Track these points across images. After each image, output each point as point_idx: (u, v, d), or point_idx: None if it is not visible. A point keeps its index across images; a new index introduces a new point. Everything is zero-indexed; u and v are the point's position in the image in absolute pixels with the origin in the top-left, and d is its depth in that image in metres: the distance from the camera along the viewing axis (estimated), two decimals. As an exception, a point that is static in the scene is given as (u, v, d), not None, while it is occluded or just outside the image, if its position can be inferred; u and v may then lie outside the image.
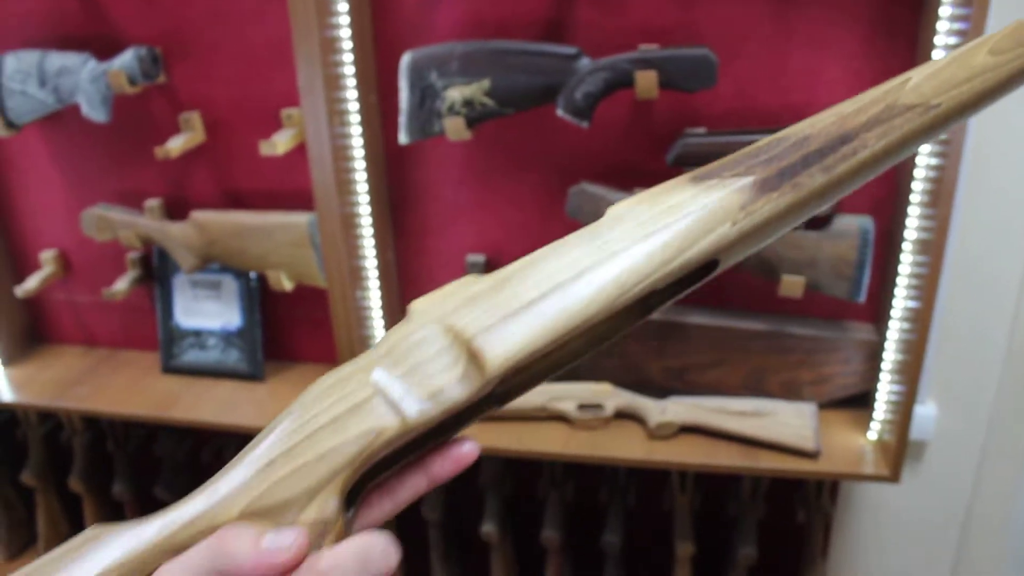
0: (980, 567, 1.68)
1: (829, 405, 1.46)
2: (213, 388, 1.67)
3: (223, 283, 1.68)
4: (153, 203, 1.60)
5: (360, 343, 1.46)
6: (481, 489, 1.64)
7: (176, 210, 1.61)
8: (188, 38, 1.48)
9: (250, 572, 0.40)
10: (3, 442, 2.01)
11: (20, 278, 1.77)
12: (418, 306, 0.47)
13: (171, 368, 1.73)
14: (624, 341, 1.46)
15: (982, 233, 1.44)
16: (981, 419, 1.58)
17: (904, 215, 1.28)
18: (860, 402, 1.46)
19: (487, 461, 1.62)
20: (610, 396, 1.44)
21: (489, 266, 1.51)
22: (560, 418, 1.46)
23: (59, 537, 2.03)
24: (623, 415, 1.45)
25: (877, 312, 1.42)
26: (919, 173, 1.24)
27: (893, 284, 1.33)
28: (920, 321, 1.29)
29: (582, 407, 1.44)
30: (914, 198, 1.26)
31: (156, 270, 1.70)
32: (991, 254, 1.46)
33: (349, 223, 1.40)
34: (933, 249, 1.24)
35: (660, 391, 1.47)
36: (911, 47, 1.24)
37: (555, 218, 1.45)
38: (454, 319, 0.45)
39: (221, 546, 0.41)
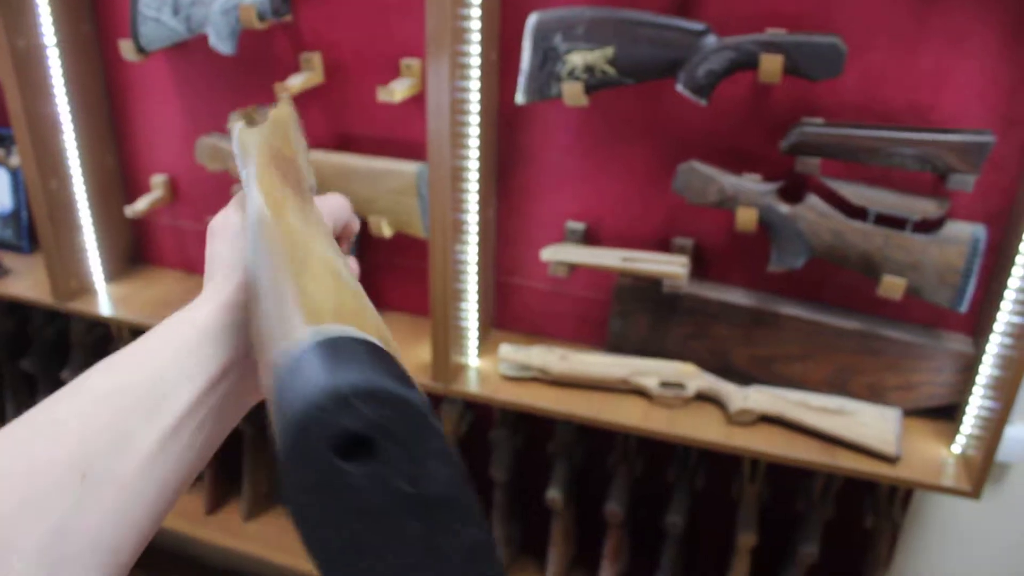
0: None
1: (914, 413, 1.44)
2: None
3: (323, 225, 1.71)
4: (266, 138, 1.64)
5: (454, 296, 1.48)
6: (551, 455, 1.66)
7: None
8: (320, -21, 1.51)
9: None
10: (96, 356, 2.08)
11: (131, 199, 1.83)
12: None
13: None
14: (713, 324, 1.46)
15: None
16: (1069, 448, 1.54)
17: (1020, 228, 1.25)
18: (945, 414, 1.43)
19: (561, 427, 1.63)
20: (693, 377, 1.44)
21: (588, 235, 1.52)
22: (640, 393, 1.47)
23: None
24: (704, 398, 1.45)
25: (976, 324, 1.39)
26: (1041, 186, 1.21)
27: (999, 297, 1.30)
28: (1023, 338, 1.27)
29: (664, 384, 1.44)
30: (1032, 210, 1.23)
31: (260, 205, 1.74)
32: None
33: (457, 176, 1.42)
34: (1046, 265, 1.22)
35: (743, 378, 1.46)
36: (1050, 56, 1.21)
37: (659, 194, 1.45)
38: None
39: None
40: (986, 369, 1.35)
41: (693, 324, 1.48)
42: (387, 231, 1.53)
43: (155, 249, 1.93)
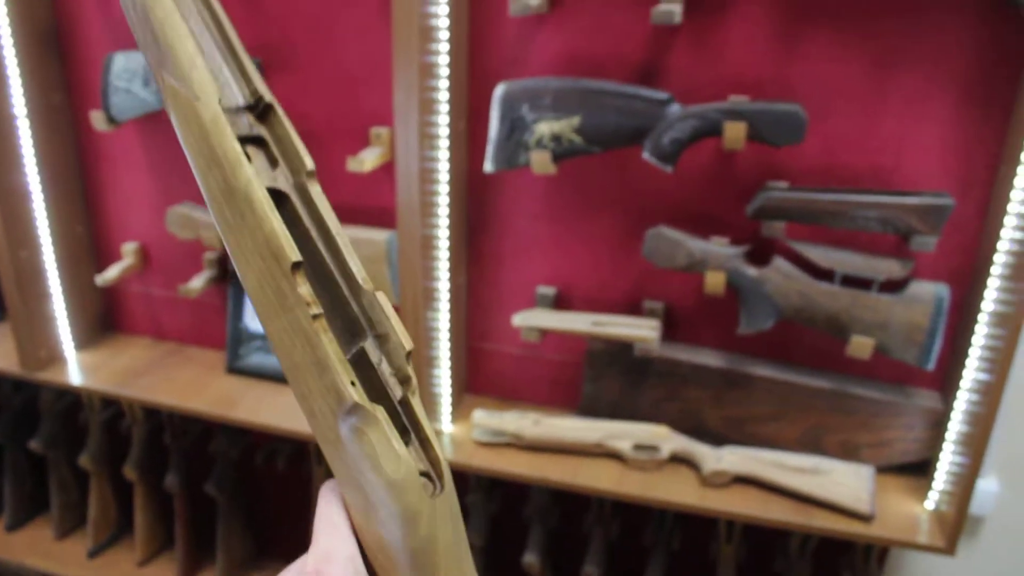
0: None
1: (887, 470, 1.45)
2: (274, 392, 1.71)
3: (295, 290, 1.71)
4: (237, 207, 1.64)
5: (426, 363, 1.48)
6: (527, 519, 1.65)
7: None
8: (289, 51, 1.52)
9: None
10: (65, 425, 2.06)
11: (101, 267, 1.82)
12: None
13: (235, 368, 1.77)
14: (685, 386, 1.47)
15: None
16: (1042, 500, 1.56)
17: (983, 286, 1.27)
18: (918, 470, 1.44)
19: (536, 491, 1.63)
20: (667, 439, 1.45)
21: (559, 300, 1.53)
22: (615, 456, 1.47)
23: (108, 522, 2.07)
24: (678, 459, 1.46)
25: (944, 381, 1.41)
26: (1002, 245, 1.24)
27: (965, 355, 1.32)
28: (990, 394, 1.28)
29: (638, 447, 1.45)
30: (995, 270, 1.25)
31: (231, 272, 1.75)
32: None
33: (427, 244, 1.43)
34: (1010, 322, 1.23)
35: (717, 439, 1.47)
36: (1006, 118, 1.24)
37: (629, 258, 1.46)
38: None
39: None
40: (955, 425, 1.36)
41: (665, 386, 1.48)
42: (359, 298, 1.53)
43: (126, 317, 1.92)
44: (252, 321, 1.75)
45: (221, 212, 0.46)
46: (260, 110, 0.49)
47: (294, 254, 0.45)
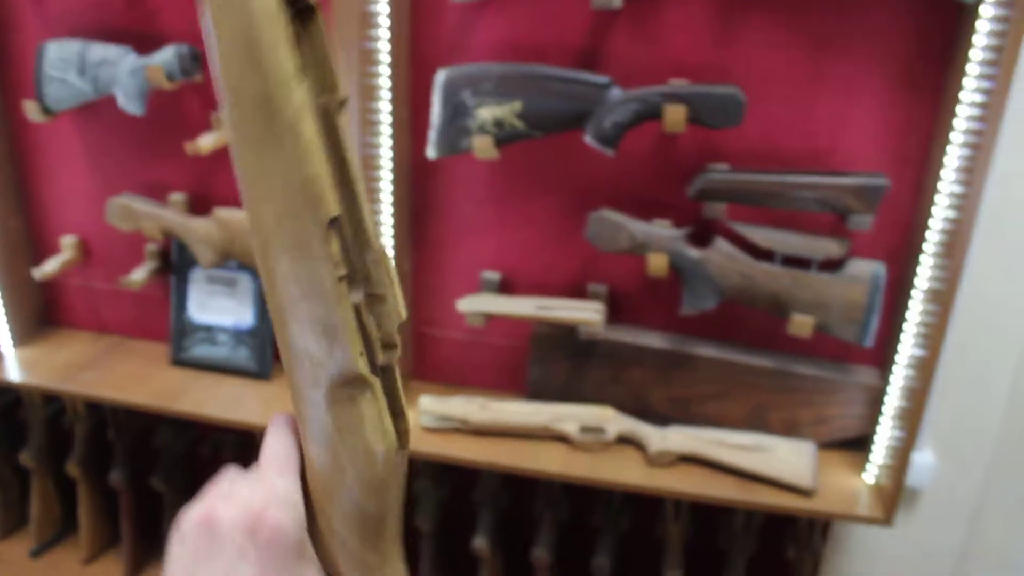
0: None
1: (828, 446, 1.48)
2: (219, 384, 1.69)
3: (239, 281, 1.70)
4: (177, 197, 1.63)
5: (372, 349, 1.48)
6: (476, 503, 1.66)
7: (199, 206, 1.64)
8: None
9: None
10: (5, 422, 2.02)
11: (39, 261, 1.79)
12: None
13: (179, 361, 1.75)
14: (630, 368, 1.49)
15: (991, 285, 1.46)
16: (978, 471, 1.60)
17: (917, 263, 1.31)
18: (859, 445, 1.48)
19: (485, 476, 1.64)
20: (612, 420, 1.46)
21: (504, 284, 1.53)
22: (561, 439, 1.48)
23: (51, 520, 2.04)
24: (624, 440, 1.47)
25: (883, 357, 1.44)
26: (935, 223, 1.27)
27: (900, 331, 1.35)
28: (924, 369, 1.32)
29: (584, 429, 1.46)
30: (928, 247, 1.29)
31: (174, 263, 1.73)
32: (998, 306, 1.49)
33: (371, 231, 1.42)
34: (943, 299, 1.27)
35: (662, 419, 1.49)
36: (937, 99, 1.27)
37: (572, 242, 1.47)
38: None
39: None
40: (892, 400, 1.40)
41: (610, 368, 1.50)
42: (304, 286, 1.53)
43: (66, 311, 1.89)
44: (196, 313, 1.73)
45: (246, 123, 0.41)
46: (302, 6, 0.42)
47: (335, 207, 0.41)
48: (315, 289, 0.42)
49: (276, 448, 0.49)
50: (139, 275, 1.67)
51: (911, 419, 1.35)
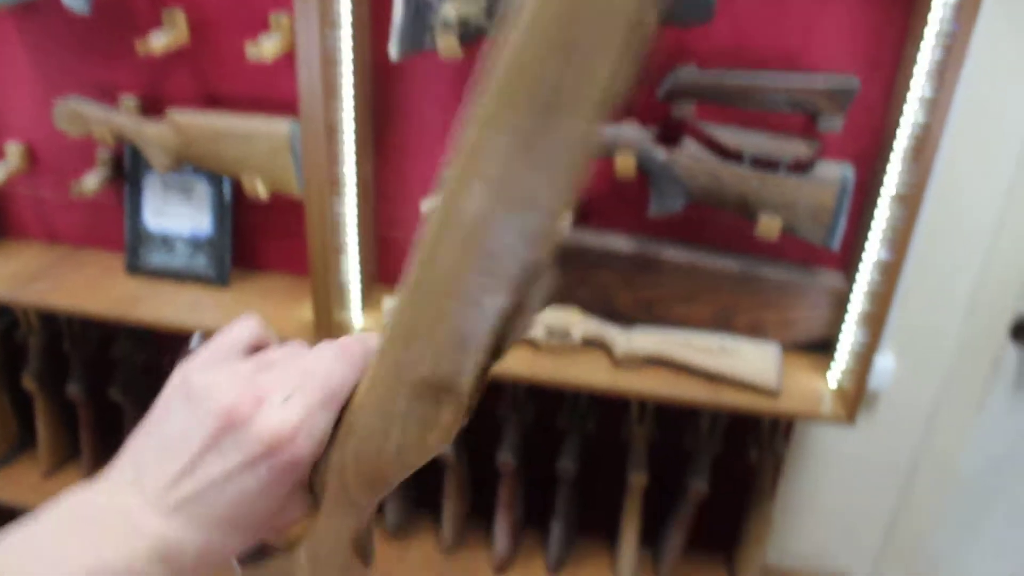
0: (920, 516, 1.74)
1: (793, 348, 1.49)
2: (177, 292, 1.66)
3: (196, 188, 1.65)
4: (129, 100, 1.57)
5: (333, 252, 1.45)
6: (442, 410, 1.65)
7: (153, 108, 1.58)
8: (177, -71, 1.44)
9: None
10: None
11: (-17, 167, 1.72)
12: None
13: (135, 269, 1.71)
14: (596, 270, 1.48)
15: (956, 191, 1.47)
16: (936, 374, 1.63)
17: (885, 167, 1.30)
18: (823, 348, 1.49)
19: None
20: (578, 323, 1.45)
21: (468, 188, 1.51)
22: (527, 342, 1.48)
23: (9, 435, 2.01)
24: (590, 343, 1.47)
25: (848, 261, 1.44)
26: (904, 127, 1.26)
27: (867, 234, 1.35)
28: (889, 273, 1.32)
29: (550, 332, 1.45)
30: (897, 151, 1.28)
31: (127, 169, 1.67)
32: (961, 213, 1.49)
33: (332, 131, 1.38)
34: (910, 203, 1.26)
35: (628, 322, 1.48)
36: (909, 2, 1.25)
37: (538, 144, 1.45)
38: None
39: None
40: (856, 304, 1.40)
41: (576, 272, 1.49)
42: (262, 191, 1.49)
43: (14, 221, 1.83)
44: (152, 219, 1.68)
45: (524, 117, 0.35)
46: None
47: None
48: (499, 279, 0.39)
49: (336, 375, 0.46)
50: (91, 182, 1.62)
51: (875, 323, 1.36)
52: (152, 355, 1.89)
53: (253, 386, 0.45)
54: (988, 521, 1.84)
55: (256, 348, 0.50)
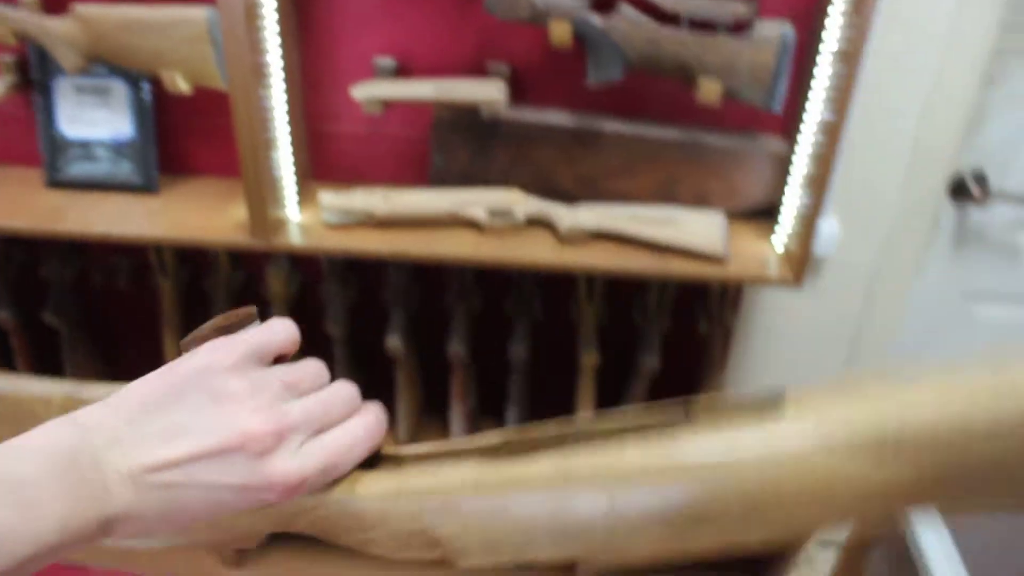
0: (865, 374, 1.77)
1: (738, 216, 1.48)
2: (103, 202, 1.59)
3: (112, 89, 1.57)
4: (30, -5, 1.48)
5: (263, 146, 1.39)
6: (386, 303, 1.62)
7: (54, 3, 1.49)
8: None
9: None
10: None
11: None
12: None
13: (56, 182, 1.63)
14: (535, 147, 1.44)
15: (895, 46, 1.45)
16: (878, 237, 1.63)
17: (824, 23, 1.27)
18: (768, 214, 1.48)
19: (394, 274, 1.59)
20: (520, 203, 1.42)
21: (400, 71, 1.45)
22: (469, 225, 1.44)
23: (-63, 365, 1.94)
24: (533, 222, 1.44)
25: (790, 125, 1.43)
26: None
27: (808, 96, 1.33)
28: (831, 134, 1.30)
29: (492, 213, 1.42)
30: (837, 6, 1.25)
31: (35, 74, 1.58)
32: (899, 70, 1.48)
33: (252, 15, 1.31)
34: (851, 60, 1.24)
35: (570, 199, 1.46)
36: None
37: (470, 17, 1.39)
38: None
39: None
40: (799, 167, 1.39)
41: (515, 150, 1.45)
42: (184, 86, 1.41)
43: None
44: (68, 127, 1.60)
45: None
46: None
47: None
48: None
49: (358, 453, 0.48)
50: (-4, 90, 1.53)
51: (818, 185, 1.34)
52: (84, 274, 1.82)
53: (279, 416, 0.45)
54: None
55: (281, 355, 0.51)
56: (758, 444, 0.36)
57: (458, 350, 1.59)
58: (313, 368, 0.49)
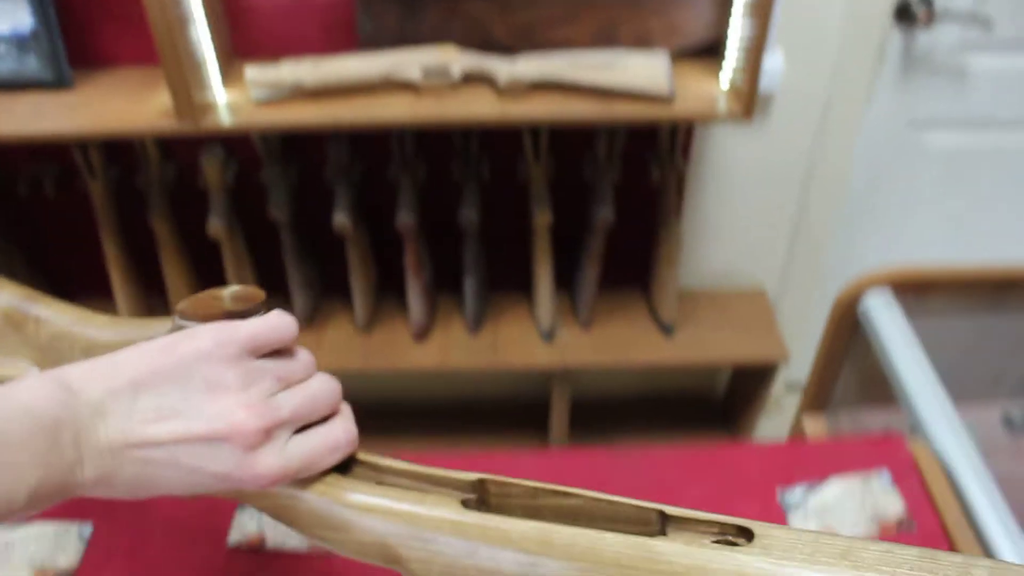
0: (820, 211, 1.76)
1: (681, 55, 1.43)
2: (14, 102, 1.49)
3: (6, -22, 1.46)
4: None
5: (179, 27, 1.31)
6: (329, 180, 1.56)
7: None
8: None
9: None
10: None
11: None
12: None
13: (-36, 85, 1.53)
14: (466, 0, 1.37)
15: None
16: (825, 68, 1.59)
17: None
18: (713, 51, 1.43)
19: (334, 147, 1.53)
20: (456, 59, 1.36)
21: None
22: (406, 86, 1.38)
23: None
24: (471, 78, 1.38)
25: (726, -49, 1.37)
26: None
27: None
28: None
29: (428, 73, 1.36)
30: None
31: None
32: None
33: None
34: None
35: (508, 51, 1.39)
36: None
37: None
38: None
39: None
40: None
41: (445, 4, 1.38)
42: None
43: None
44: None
45: None
46: None
47: None
48: None
49: (340, 452, 0.49)
50: None
51: (761, 15, 1.29)
52: (8, 185, 1.73)
53: (270, 413, 0.45)
54: (883, 211, 1.88)
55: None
56: (726, 564, 0.39)
57: (407, 220, 1.54)
58: (304, 361, 0.49)
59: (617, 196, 1.56)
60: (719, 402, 2.07)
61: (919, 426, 0.94)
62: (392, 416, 2.02)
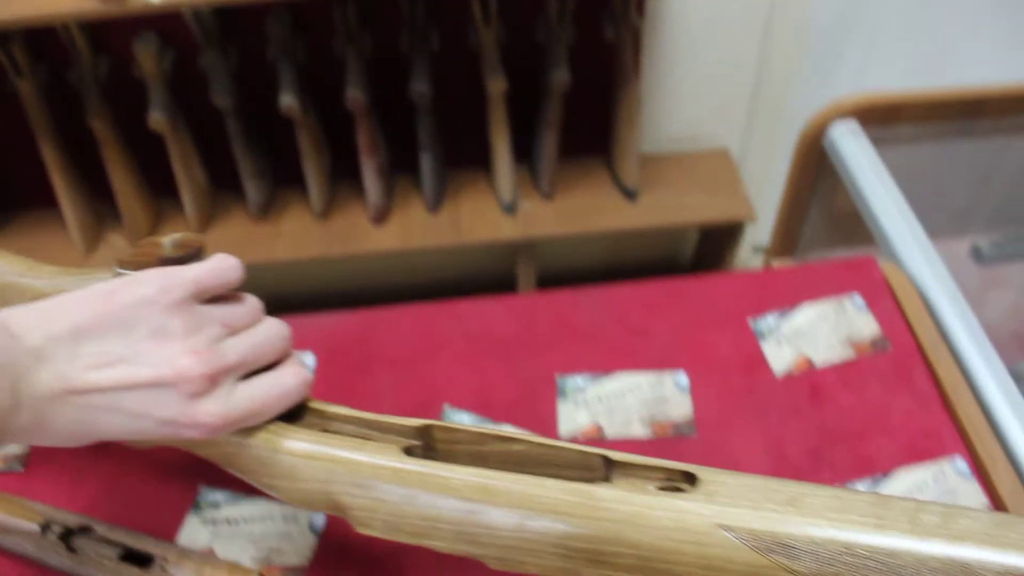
0: (782, 59, 1.72)
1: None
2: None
3: None
4: None
5: None
6: (272, 60, 1.50)
7: None
8: None
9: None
10: None
11: None
12: None
13: None
14: None
15: None
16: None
17: None
18: None
19: (274, 24, 1.46)
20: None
21: None
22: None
23: None
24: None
25: None
26: None
27: None
28: None
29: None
30: None
31: None
32: None
33: None
34: None
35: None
36: None
37: None
38: None
39: None
40: None
41: None
42: None
43: None
44: None
45: None
46: None
47: None
48: None
49: (290, 399, 0.48)
50: None
51: None
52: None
53: (215, 359, 0.44)
54: (843, 65, 1.84)
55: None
56: (667, 511, 0.40)
57: (357, 96, 1.48)
58: (251, 306, 0.49)
59: (572, 58, 1.51)
60: (687, 269, 2.06)
61: (890, 251, 0.92)
62: (355, 303, 1.98)
